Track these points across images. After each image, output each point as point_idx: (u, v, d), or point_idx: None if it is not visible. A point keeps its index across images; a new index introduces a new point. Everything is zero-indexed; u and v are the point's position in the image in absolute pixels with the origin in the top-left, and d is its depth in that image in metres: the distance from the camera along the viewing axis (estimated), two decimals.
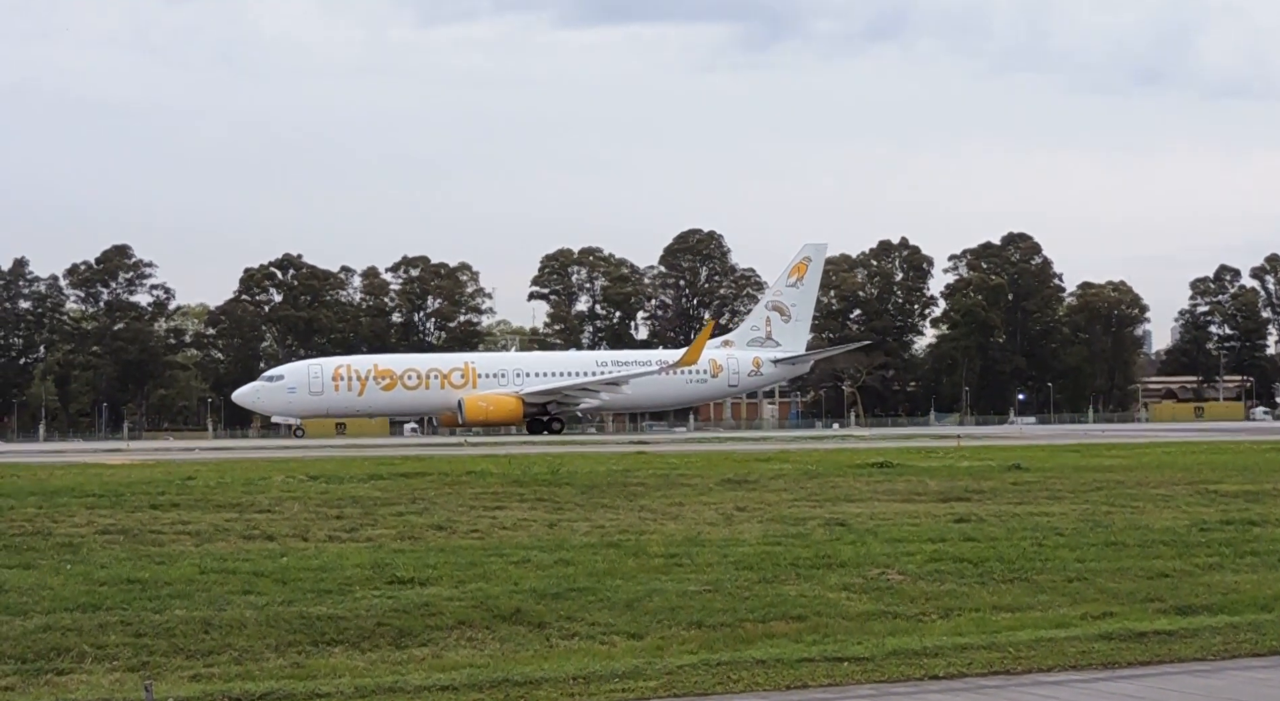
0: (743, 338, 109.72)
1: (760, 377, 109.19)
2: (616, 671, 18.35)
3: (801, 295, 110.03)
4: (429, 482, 36.48)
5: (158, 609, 21.11)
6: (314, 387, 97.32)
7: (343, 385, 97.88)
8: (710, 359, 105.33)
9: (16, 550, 25.82)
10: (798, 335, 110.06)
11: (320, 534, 28.47)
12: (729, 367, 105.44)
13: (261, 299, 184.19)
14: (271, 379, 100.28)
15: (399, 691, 17.38)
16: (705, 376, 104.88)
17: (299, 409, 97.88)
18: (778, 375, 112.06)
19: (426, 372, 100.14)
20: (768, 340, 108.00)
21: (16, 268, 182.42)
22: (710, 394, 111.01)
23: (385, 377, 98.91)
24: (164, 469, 41.52)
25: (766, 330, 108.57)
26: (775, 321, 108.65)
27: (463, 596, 22.41)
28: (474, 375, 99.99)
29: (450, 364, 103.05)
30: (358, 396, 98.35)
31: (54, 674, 18.34)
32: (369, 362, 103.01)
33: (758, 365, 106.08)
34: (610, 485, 36.39)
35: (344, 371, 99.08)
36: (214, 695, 17.04)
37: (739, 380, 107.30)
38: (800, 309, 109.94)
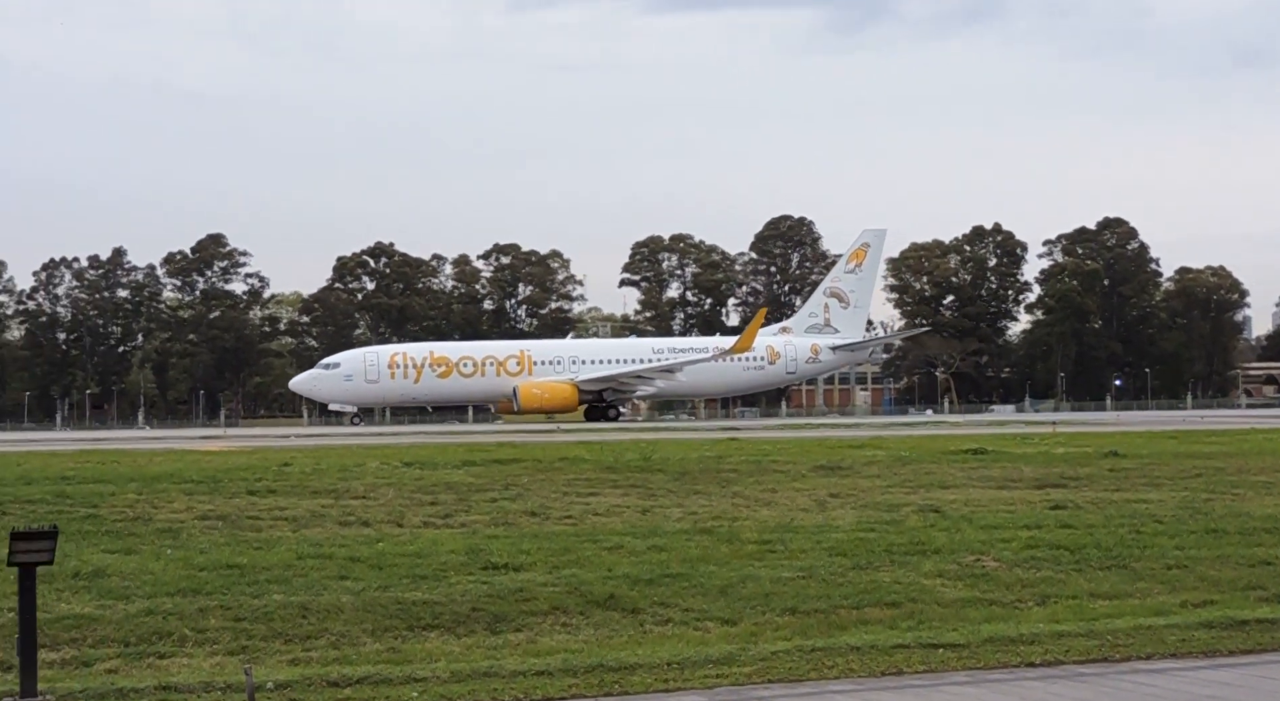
0: (801, 324, 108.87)
1: (819, 364, 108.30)
2: (710, 657, 18.37)
3: (860, 281, 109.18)
4: (523, 469, 36.58)
5: (256, 594, 21.32)
6: (370, 375, 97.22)
7: (398, 373, 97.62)
8: (768, 346, 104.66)
9: (118, 535, 26.13)
10: (856, 321, 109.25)
11: (415, 520, 28.64)
12: (786, 354, 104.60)
13: (354, 287, 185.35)
14: (328, 367, 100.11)
15: (494, 676, 17.47)
16: (763, 363, 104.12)
17: (355, 397, 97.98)
18: (836, 362, 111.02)
19: (482, 360, 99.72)
20: (826, 327, 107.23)
21: (115, 257, 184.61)
22: (768, 381, 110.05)
23: (441, 365, 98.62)
24: (261, 456, 41.86)
25: (825, 317, 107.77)
26: (834, 308, 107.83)
27: (557, 582, 22.49)
28: (530, 362, 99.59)
29: (506, 351, 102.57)
30: (413, 384, 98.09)
31: (156, 657, 18.58)
32: (425, 350, 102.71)
33: (816, 352, 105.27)
34: (703, 471, 36.36)
35: (400, 359, 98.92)
36: (312, 679, 17.18)
37: (797, 367, 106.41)
38: (859, 295, 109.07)
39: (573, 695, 16.94)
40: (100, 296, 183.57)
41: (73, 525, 26.43)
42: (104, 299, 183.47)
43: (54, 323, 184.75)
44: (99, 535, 26.06)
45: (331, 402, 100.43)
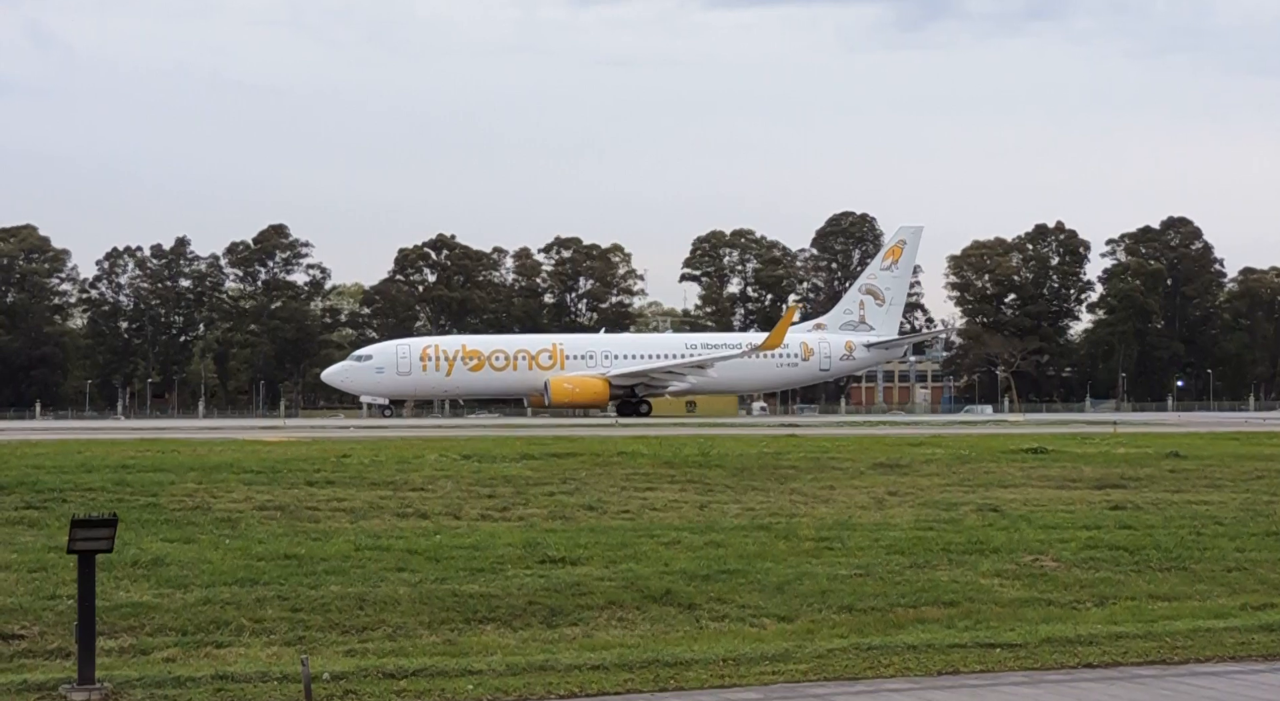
0: (835, 321, 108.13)
1: (853, 361, 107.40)
2: (766, 654, 18.34)
3: (896, 279, 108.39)
4: (580, 463, 36.56)
5: (314, 584, 21.41)
6: (401, 368, 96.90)
7: (430, 366, 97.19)
8: (801, 342, 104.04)
9: (177, 525, 26.28)
10: (891, 319, 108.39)
11: (473, 512, 28.69)
12: (820, 351, 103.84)
13: (415, 279, 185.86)
14: (360, 359, 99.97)
15: (550, 670, 17.48)
16: (796, 360, 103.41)
17: (386, 389, 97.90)
18: (871, 359, 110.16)
19: (514, 354, 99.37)
20: (861, 324, 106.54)
21: (177, 247, 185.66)
22: (801, 378, 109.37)
23: (473, 358, 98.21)
24: (320, 446, 41.98)
25: (860, 314, 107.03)
26: (869, 305, 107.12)
27: (613, 576, 22.50)
28: (562, 356, 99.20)
29: (538, 345, 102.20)
30: (445, 377, 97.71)
31: (213, 646, 18.68)
32: (457, 343, 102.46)
33: (850, 349, 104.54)
34: (761, 467, 36.27)
35: (431, 352, 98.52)
36: (368, 670, 17.23)
37: (830, 364, 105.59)
38: (894, 292, 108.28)
39: (628, 690, 16.94)
40: (162, 286, 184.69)
41: (132, 514, 26.58)
42: (166, 288, 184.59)
43: (116, 311, 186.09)
44: (158, 524, 26.21)
45: (363, 395, 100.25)
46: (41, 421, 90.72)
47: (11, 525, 25.94)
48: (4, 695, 16.19)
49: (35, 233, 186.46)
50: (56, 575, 21.34)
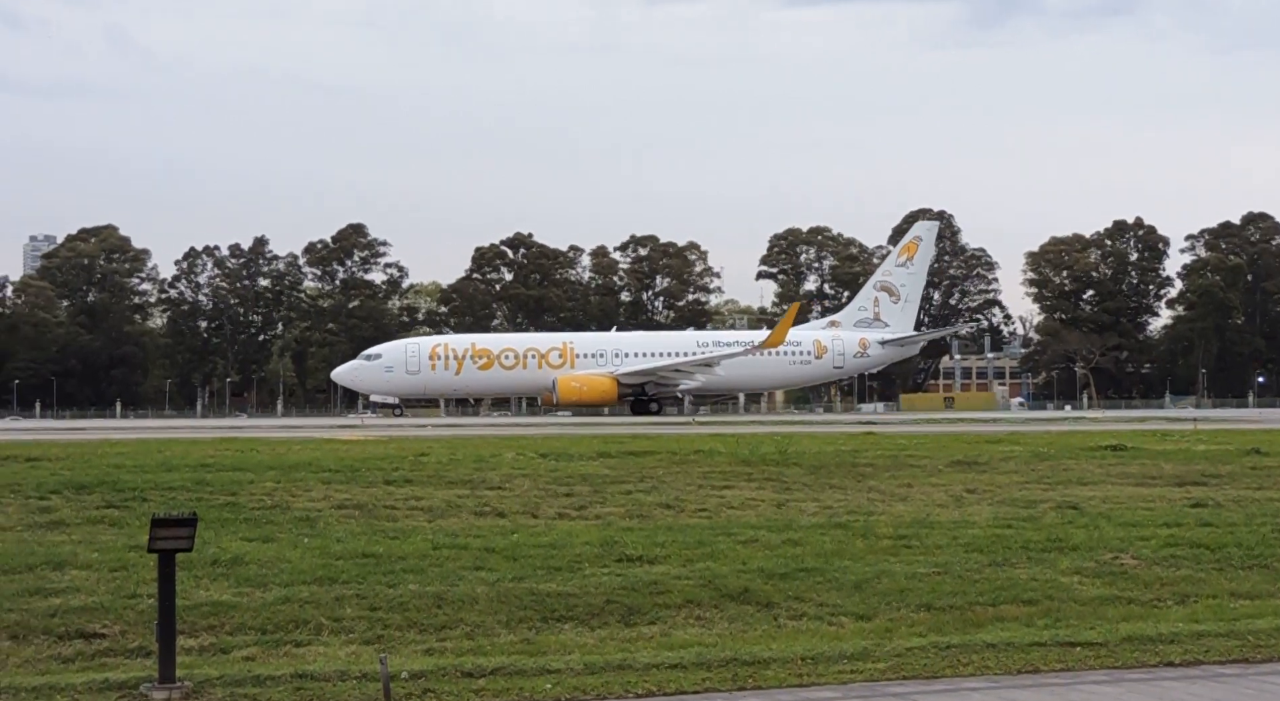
0: (850, 318, 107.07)
1: (867, 359, 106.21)
2: (845, 652, 18.26)
3: (911, 275, 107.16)
4: (657, 461, 36.53)
5: (392, 583, 21.47)
6: (410, 367, 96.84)
7: (439, 365, 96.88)
8: (815, 340, 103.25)
9: (256, 523, 26.43)
10: (907, 316, 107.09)
11: (550, 511, 28.71)
12: (834, 349, 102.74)
13: (493, 277, 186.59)
14: (370, 358, 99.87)
15: (627, 669, 17.46)
16: (809, 358, 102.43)
17: (396, 388, 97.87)
18: (886, 357, 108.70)
19: (524, 352, 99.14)
20: (876, 321, 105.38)
21: (256, 246, 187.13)
22: (815, 376, 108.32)
23: (482, 357, 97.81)
24: (397, 445, 42.13)
25: (875, 311, 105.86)
26: (884, 302, 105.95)
27: (691, 575, 22.46)
28: (572, 355, 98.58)
29: (549, 343, 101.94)
30: (454, 376, 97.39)
31: (292, 645, 18.77)
32: (466, 342, 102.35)
33: (864, 346, 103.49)
34: (838, 465, 36.13)
35: (441, 351, 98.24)
36: (446, 669, 17.26)
37: (844, 362, 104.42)
38: (910, 289, 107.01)
39: (706, 689, 16.90)
40: (241, 285, 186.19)
41: (212, 512, 26.76)
42: (245, 288, 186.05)
43: (195, 311, 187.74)
44: (237, 523, 26.37)
45: (373, 394, 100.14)
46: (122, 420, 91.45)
47: (93, 524, 26.18)
48: (86, 693, 16.32)
49: (116, 233, 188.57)
50: (137, 574, 21.50)
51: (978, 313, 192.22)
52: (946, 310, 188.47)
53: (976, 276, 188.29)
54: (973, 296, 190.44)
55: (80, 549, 23.53)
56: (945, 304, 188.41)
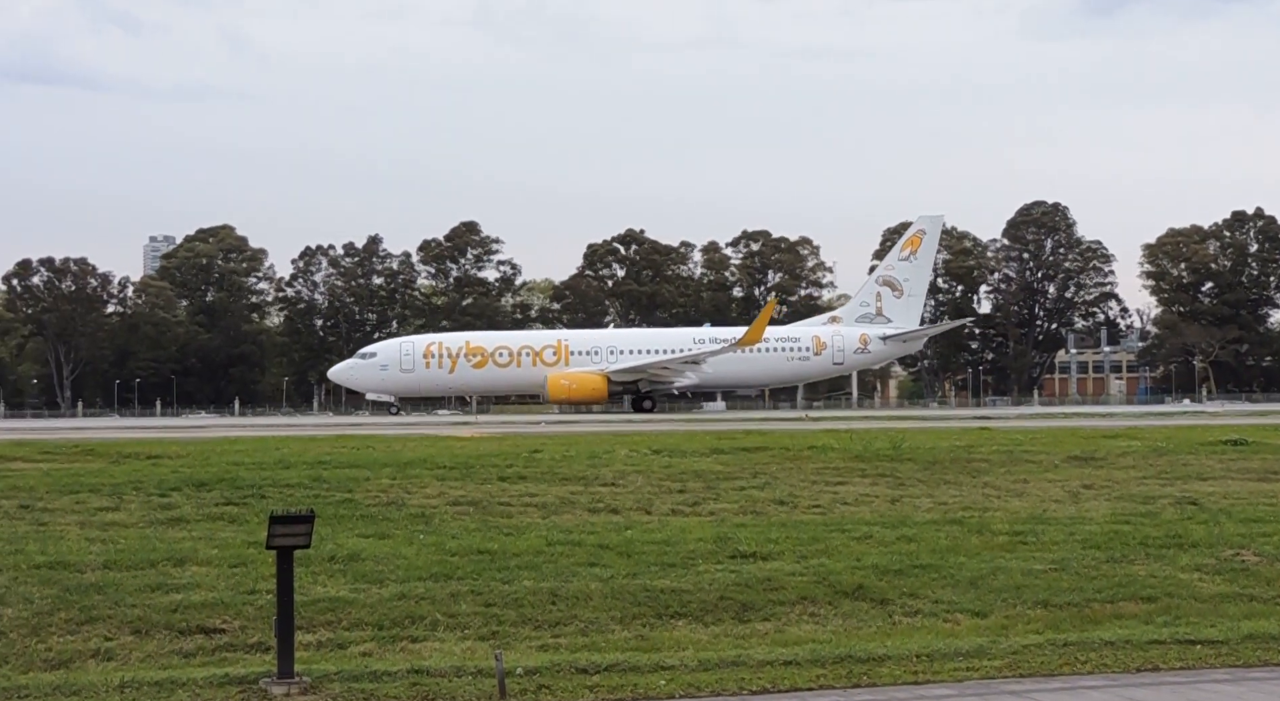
0: (851, 314, 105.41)
1: (868, 355, 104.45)
2: (960, 650, 18.17)
3: (915, 269, 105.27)
4: (770, 457, 36.45)
5: (506, 579, 21.58)
6: (405, 365, 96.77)
7: (434, 363, 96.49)
8: (814, 336, 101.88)
9: (373, 520, 26.64)
10: (910, 311, 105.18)
11: (663, 507, 28.73)
12: (833, 345, 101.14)
13: (605, 274, 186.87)
14: (365, 356, 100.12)
15: (741, 665, 17.46)
16: (808, 354, 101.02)
17: (391, 386, 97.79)
18: (887, 353, 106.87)
19: (518, 350, 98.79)
20: (878, 316, 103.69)
21: (370, 244, 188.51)
22: (813, 372, 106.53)
23: (476, 355, 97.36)
24: (511, 442, 42.27)
25: (877, 306, 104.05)
26: (886, 297, 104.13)
27: (805, 571, 22.42)
28: (566, 352, 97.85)
29: (543, 341, 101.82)
30: (448, 374, 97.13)
31: (409, 641, 18.92)
32: (461, 340, 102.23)
33: (865, 342, 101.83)
34: (953, 461, 35.87)
35: (435, 349, 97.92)
36: (561, 665, 17.32)
37: (844, 358, 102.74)
38: (913, 284, 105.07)
39: (820, 686, 16.86)
40: (356, 283, 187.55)
41: (328, 509, 26.99)
42: (360, 286, 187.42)
43: (312, 309, 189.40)
44: (354, 519, 26.60)
45: (368, 392, 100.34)
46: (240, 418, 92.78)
47: (212, 521, 26.51)
48: (206, 688, 16.54)
49: (233, 233, 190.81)
50: (256, 570, 21.75)
51: (1094, 306, 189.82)
52: (1062, 303, 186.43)
53: (1093, 269, 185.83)
54: (1089, 289, 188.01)
55: (200, 545, 23.85)
56: (1061, 297, 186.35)
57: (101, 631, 19.11)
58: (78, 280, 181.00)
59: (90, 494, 28.99)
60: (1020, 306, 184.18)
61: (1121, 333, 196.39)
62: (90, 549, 23.53)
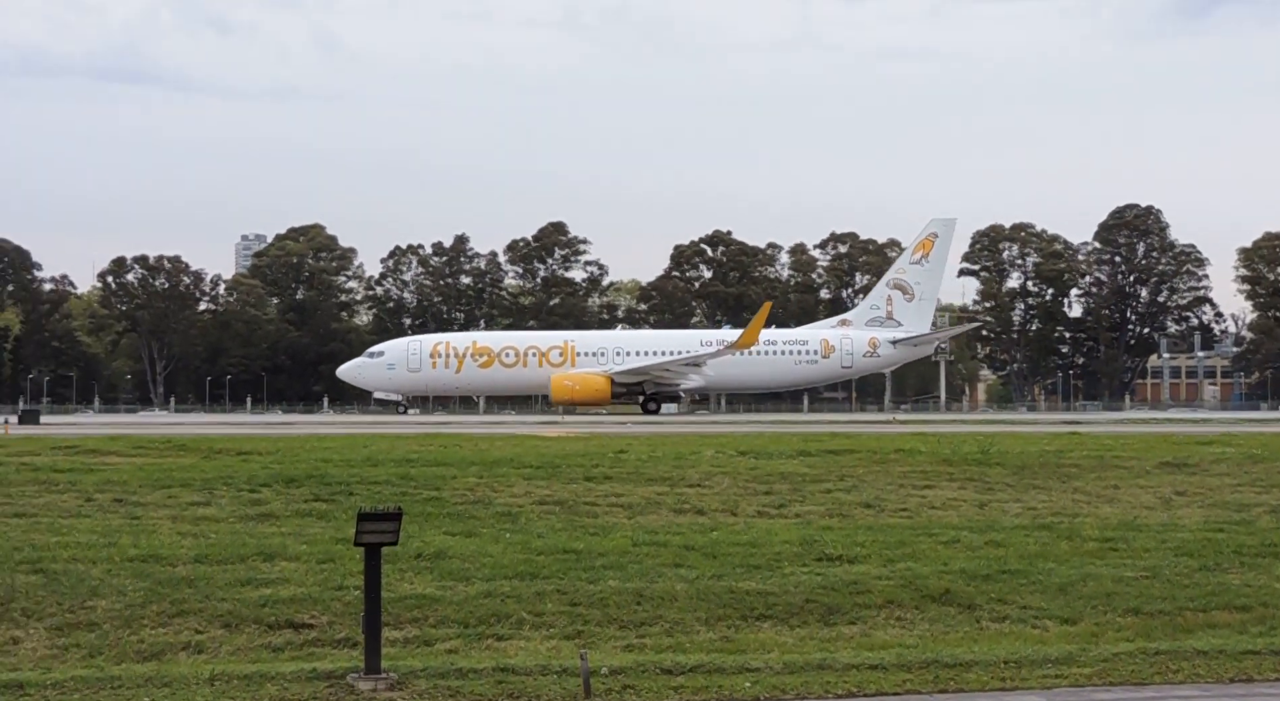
0: (861, 317, 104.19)
1: (877, 359, 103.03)
2: (1049, 656, 18.01)
3: (926, 273, 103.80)
4: (857, 460, 36.28)
5: (592, 579, 21.59)
6: (412, 365, 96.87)
7: (440, 362, 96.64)
8: (822, 339, 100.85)
9: (459, 518, 26.74)
10: (921, 315, 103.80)
11: (749, 509, 28.67)
12: (842, 348, 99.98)
13: (692, 275, 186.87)
14: (373, 355, 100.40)
15: (827, 669, 17.38)
16: (816, 357, 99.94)
17: (398, 386, 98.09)
18: (897, 357, 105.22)
19: (525, 350, 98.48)
20: (888, 320, 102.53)
21: (457, 244, 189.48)
22: (821, 375, 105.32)
23: (483, 355, 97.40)
24: (597, 442, 42.32)
25: (887, 310, 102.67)
26: (897, 300, 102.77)
27: (891, 575, 22.31)
28: (573, 353, 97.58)
29: (550, 342, 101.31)
30: (455, 374, 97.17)
31: (494, 639, 18.97)
32: (468, 340, 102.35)
33: (874, 346, 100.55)
34: (1042, 466, 35.55)
35: (442, 349, 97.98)
36: (646, 665, 17.31)
37: (853, 361, 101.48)
38: (925, 287, 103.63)
39: (906, 690, 16.77)
40: (444, 283, 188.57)
41: (416, 507, 27.13)
42: (447, 285, 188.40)
43: (400, 308, 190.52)
44: (441, 517, 26.72)
45: (376, 391, 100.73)
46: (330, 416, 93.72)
47: (301, 517, 26.70)
48: (294, 682, 16.63)
49: (323, 232, 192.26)
50: (344, 566, 21.88)
51: (1187, 310, 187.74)
52: (1154, 307, 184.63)
53: (1186, 273, 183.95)
54: (1182, 293, 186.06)
55: (289, 540, 24.03)
56: (1153, 301, 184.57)
57: (192, 624, 19.28)
58: (171, 278, 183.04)
59: (182, 489, 29.28)
60: (1112, 310, 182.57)
61: (1216, 337, 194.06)
62: (182, 543, 23.77)
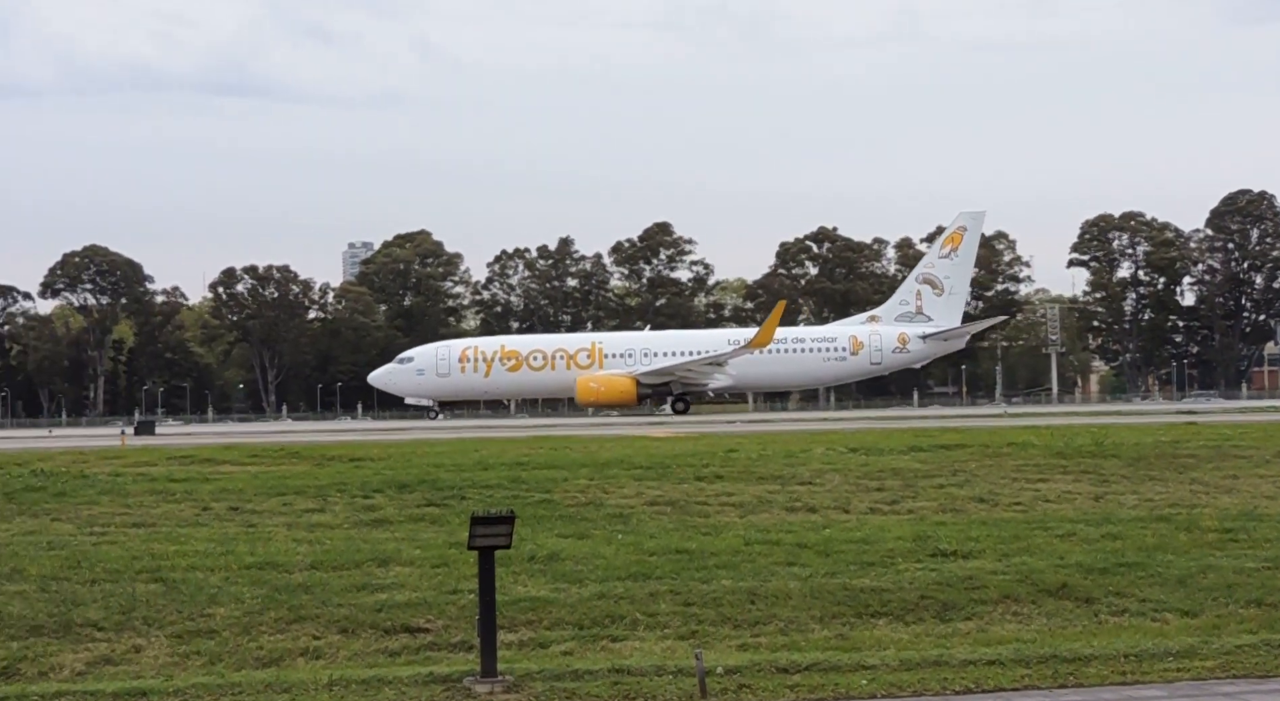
0: (890, 313, 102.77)
1: (907, 354, 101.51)
2: (1170, 650, 17.81)
3: (956, 267, 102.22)
4: (969, 454, 36.02)
5: (705, 579, 21.57)
6: (441, 369, 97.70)
7: (469, 367, 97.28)
8: (851, 335, 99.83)
9: (571, 520, 26.80)
10: (951, 309, 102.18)
11: (861, 506, 28.54)
12: (871, 344, 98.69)
13: (797, 272, 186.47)
14: (403, 361, 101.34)
15: (944, 665, 17.28)
16: (844, 354, 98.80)
17: (427, 390, 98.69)
18: (927, 352, 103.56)
19: (552, 353, 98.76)
20: (918, 315, 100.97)
21: (562, 246, 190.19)
22: (850, 372, 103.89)
23: (511, 359, 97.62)
24: (707, 441, 42.26)
25: (917, 304, 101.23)
26: (926, 295, 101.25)
27: (1007, 570, 22.13)
28: (600, 355, 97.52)
29: (577, 344, 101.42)
30: (483, 378, 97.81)
31: (609, 640, 18.99)
32: (496, 344, 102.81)
33: (904, 341, 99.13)
34: (1158, 456, 35.13)
35: (470, 353, 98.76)
36: (761, 664, 17.28)
37: (882, 357, 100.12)
38: (955, 281, 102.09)
39: (1025, 686, 16.64)
40: (550, 286, 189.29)
41: (528, 510, 27.20)
42: (553, 288, 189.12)
43: (507, 312, 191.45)
44: (553, 520, 26.78)
45: (406, 396, 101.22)
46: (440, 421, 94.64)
47: (414, 521, 26.85)
48: (411, 686, 16.74)
49: (429, 238, 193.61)
50: (457, 570, 21.99)
51: None
52: (1270, 294, 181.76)
53: None
54: None
55: (403, 545, 24.17)
56: (1269, 287, 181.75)
57: (310, 630, 19.44)
58: (280, 287, 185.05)
59: (296, 496, 29.54)
60: (1226, 298, 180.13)
61: None
62: (297, 549, 23.98)
